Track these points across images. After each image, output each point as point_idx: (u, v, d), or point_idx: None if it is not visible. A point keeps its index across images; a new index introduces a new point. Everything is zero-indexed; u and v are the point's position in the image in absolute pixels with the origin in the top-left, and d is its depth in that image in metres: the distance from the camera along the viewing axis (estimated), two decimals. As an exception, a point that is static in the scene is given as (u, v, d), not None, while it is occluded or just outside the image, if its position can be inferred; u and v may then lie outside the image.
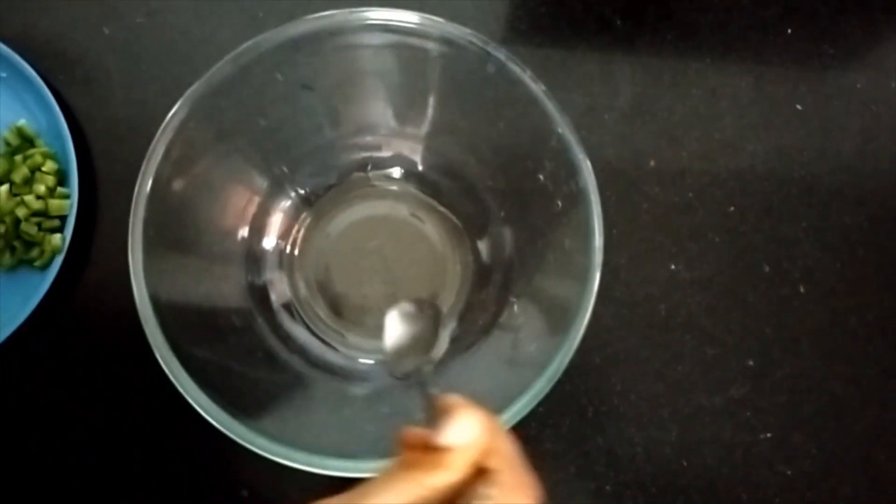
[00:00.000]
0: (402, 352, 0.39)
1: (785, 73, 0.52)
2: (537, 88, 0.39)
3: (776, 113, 0.52)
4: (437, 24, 0.39)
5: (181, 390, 0.36)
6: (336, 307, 0.46)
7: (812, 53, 0.53)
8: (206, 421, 0.35)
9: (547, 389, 0.36)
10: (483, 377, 0.42)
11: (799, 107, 0.52)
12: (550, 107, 0.39)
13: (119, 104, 0.51)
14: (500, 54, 0.39)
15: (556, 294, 0.41)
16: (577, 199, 0.38)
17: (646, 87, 0.52)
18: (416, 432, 0.27)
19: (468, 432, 0.26)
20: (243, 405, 0.39)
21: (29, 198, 0.47)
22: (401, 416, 0.43)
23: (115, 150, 0.50)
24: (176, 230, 0.40)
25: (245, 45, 0.38)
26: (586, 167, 0.38)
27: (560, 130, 0.38)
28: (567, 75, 0.52)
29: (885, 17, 0.54)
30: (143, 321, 0.36)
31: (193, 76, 0.39)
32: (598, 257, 0.37)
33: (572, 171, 0.38)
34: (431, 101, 0.45)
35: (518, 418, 0.36)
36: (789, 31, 0.53)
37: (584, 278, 0.37)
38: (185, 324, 0.39)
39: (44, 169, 0.47)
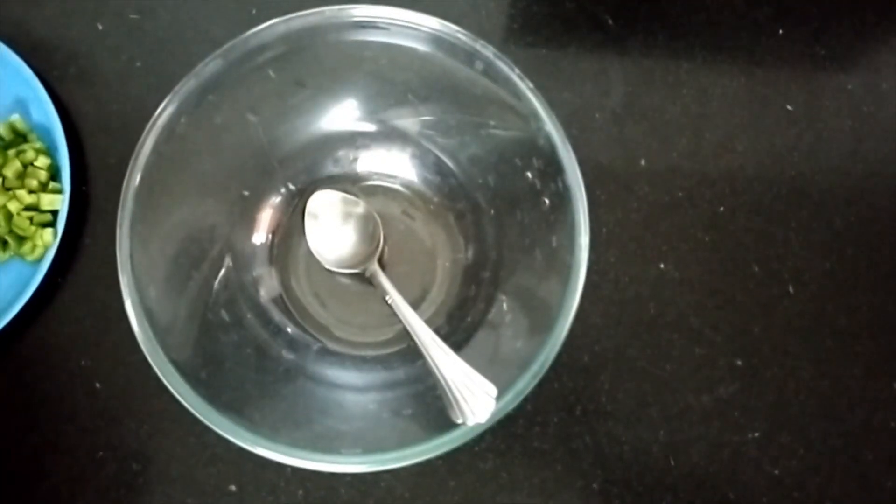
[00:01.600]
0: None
1: (776, 73, 0.52)
2: (525, 86, 0.39)
3: (767, 113, 0.52)
4: (425, 21, 0.39)
5: (168, 385, 0.36)
6: (325, 302, 0.46)
7: (803, 54, 0.53)
8: (195, 415, 0.36)
9: (532, 386, 0.36)
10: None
11: (790, 107, 0.52)
12: (538, 105, 0.39)
13: (112, 100, 0.51)
14: (489, 52, 0.39)
15: (542, 291, 0.41)
16: (563, 197, 0.38)
17: (637, 86, 0.52)
18: None
19: None
20: (232, 400, 0.39)
21: (21, 192, 0.47)
22: (388, 411, 0.43)
23: (107, 145, 0.50)
24: (165, 224, 0.41)
25: (233, 42, 0.39)
26: (572, 165, 0.38)
27: (547, 129, 0.39)
28: (559, 74, 0.52)
29: (876, 18, 0.54)
30: (129, 316, 0.36)
31: (187, 72, 0.39)
32: (583, 255, 0.37)
33: (559, 170, 0.38)
34: (422, 97, 0.45)
35: (503, 414, 0.36)
36: (781, 31, 0.53)
37: (570, 276, 0.37)
38: (173, 319, 0.39)
39: (36, 164, 0.48)
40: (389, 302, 0.43)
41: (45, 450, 0.46)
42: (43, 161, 0.48)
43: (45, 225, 0.47)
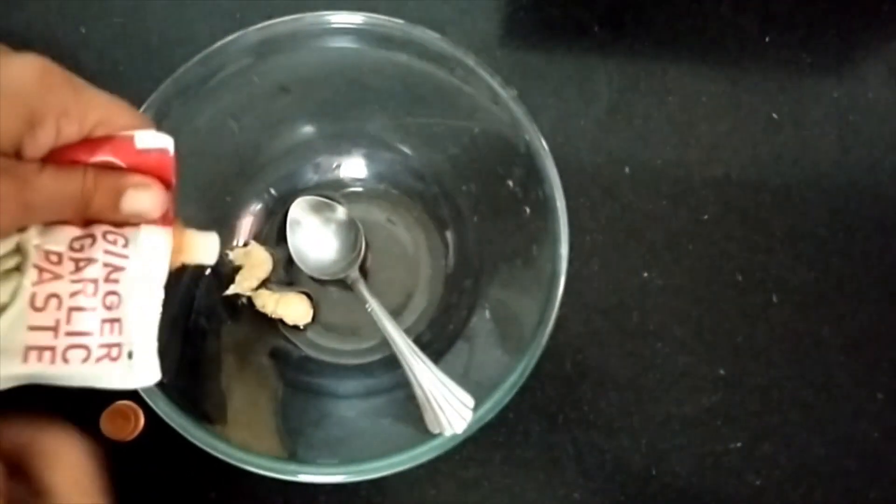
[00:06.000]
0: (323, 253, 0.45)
1: (762, 81, 0.52)
2: (506, 95, 0.39)
3: (752, 121, 0.51)
4: (405, 28, 0.39)
5: (145, 398, 0.36)
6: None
7: (789, 62, 0.53)
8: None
9: (510, 397, 0.36)
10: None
11: (775, 115, 0.52)
12: (519, 113, 0.39)
13: (95, 104, 0.51)
14: (469, 60, 0.39)
15: (523, 300, 0.41)
16: (544, 206, 0.38)
17: (622, 93, 0.51)
18: None
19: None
20: (209, 409, 0.39)
21: (1, 197, 0.46)
22: (367, 419, 0.43)
23: (89, 149, 0.50)
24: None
25: (213, 47, 0.39)
26: (553, 175, 0.38)
27: (527, 137, 0.38)
28: (544, 80, 0.52)
29: (862, 26, 0.54)
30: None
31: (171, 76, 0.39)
32: (563, 265, 0.37)
33: (540, 179, 0.38)
34: (404, 104, 0.45)
35: (481, 425, 0.36)
36: (767, 39, 0.53)
37: (551, 285, 0.37)
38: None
39: (16, 168, 0.47)
40: (370, 310, 0.42)
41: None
42: (23, 165, 0.47)
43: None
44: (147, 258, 0.28)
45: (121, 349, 0.27)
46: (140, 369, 0.28)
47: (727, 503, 0.46)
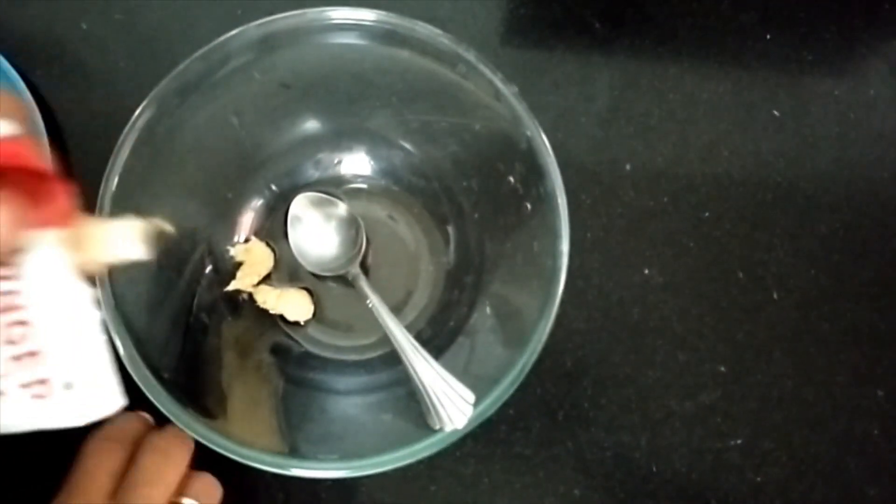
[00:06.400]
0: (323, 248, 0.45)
1: (763, 78, 0.52)
2: (507, 91, 0.39)
3: (753, 118, 0.52)
4: (407, 24, 0.39)
5: (146, 392, 0.36)
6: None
7: (790, 59, 0.53)
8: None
9: (510, 393, 0.36)
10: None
11: (776, 112, 0.52)
12: (520, 109, 0.39)
13: (97, 100, 0.51)
14: (470, 56, 0.39)
15: (523, 297, 0.41)
16: (544, 202, 0.38)
17: (623, 90, 0.52)
18: None
19: None
20: (210, 404, 0.39)
21: (2, 193, 0.46)
22: (368, 414, 0.43)
23: (92, 145, 0.49)
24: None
25: (213, 44, 0.39)
26: (554, 171, 0.38)
27: (529, 133, 0.38)
28: (545, 78, 0.52)
29: (863, 24, 0.54)
30: (107, 321, 0.36)
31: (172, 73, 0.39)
32: (563, 262, 0.37)
33: (541, 175, 0.38)
34: (405, 100, 0.45)
35: (481, 421, 0.36)
36: (768, 36, 0.53)
37: (551, 282, 0.37)
38: (151, 323, 0.39)
39: (18, 164, 0.47)
40: (371, 306, 0.42)
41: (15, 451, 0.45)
42: (24, 161, 0.47)
43: (25, 226, 0.47)
44: (40, 275, 0.23)
45: (50, 383, 0.23)
46: (88, 399, 0.23)
47: (727, 500, 0.46)
